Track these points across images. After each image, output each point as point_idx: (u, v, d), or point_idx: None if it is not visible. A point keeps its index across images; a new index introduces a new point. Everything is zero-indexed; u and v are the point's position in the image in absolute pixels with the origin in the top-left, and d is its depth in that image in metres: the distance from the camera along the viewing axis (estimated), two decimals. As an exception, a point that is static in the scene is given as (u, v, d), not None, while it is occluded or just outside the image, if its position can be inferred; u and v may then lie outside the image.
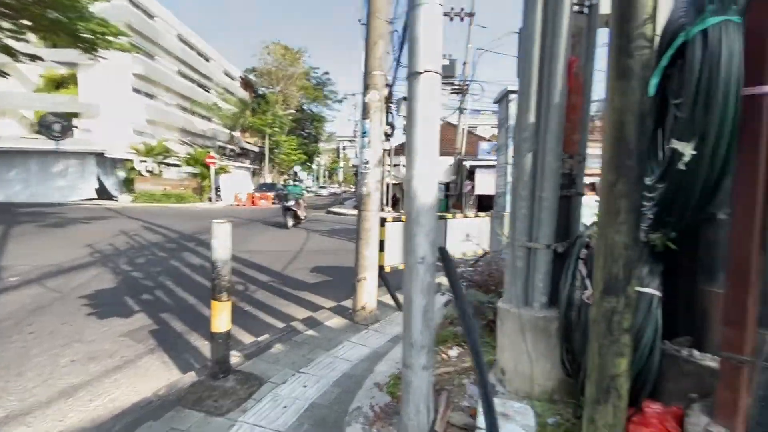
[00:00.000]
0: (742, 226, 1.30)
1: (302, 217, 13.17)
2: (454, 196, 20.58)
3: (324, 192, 47.94)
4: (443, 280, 5.81)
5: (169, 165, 24.01)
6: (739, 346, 1.31)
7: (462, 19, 17.62)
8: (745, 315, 1.29)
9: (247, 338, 3.78)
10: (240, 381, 2.68)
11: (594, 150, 2.30)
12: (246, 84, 38.31)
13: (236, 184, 28.13)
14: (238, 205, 23.89)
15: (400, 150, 18.75)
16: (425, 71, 1.70)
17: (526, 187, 2.26)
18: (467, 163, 18.19)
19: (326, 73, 43.41)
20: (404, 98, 15.69)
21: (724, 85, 1.24)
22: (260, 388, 2.66)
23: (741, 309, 1.31)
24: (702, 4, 1.32)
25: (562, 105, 2.11)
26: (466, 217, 7.13)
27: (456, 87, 19.87)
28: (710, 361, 1.56)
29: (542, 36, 2.18)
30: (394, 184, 19.87)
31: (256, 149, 36.34)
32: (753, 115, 1.25)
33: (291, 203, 12.39)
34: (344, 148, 61.17)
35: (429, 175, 1.89)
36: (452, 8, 16.71)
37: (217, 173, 24.14)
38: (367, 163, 4.53)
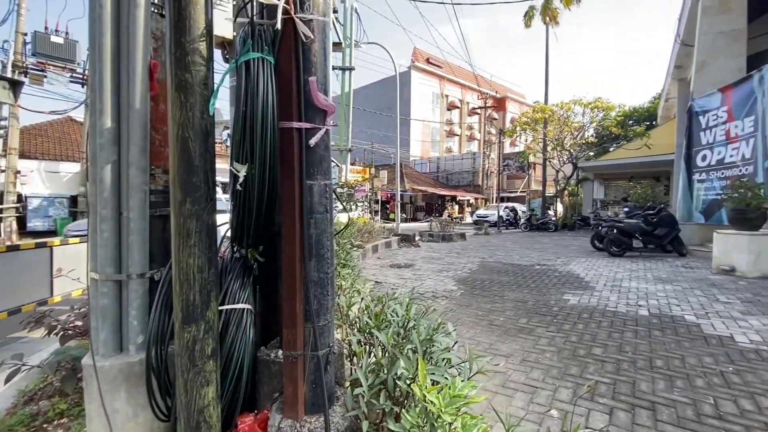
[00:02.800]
0: (288, 238, 1.53)
1: None
2: (86, 213, 16.11)
3: None
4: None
5: None
6: (293, 342, 1.52)
7: (81, -7, 13.98)
8: (295, 314, 1.52)
9: None
10: None
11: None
12: None
13: None
14: None
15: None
16: None
17: (108, 206, 1.83)
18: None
19: None
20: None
21: (262, 116, 1.40)
22: None
23: (293, 310, 1.53)
24: (245, 38, 1.45)
25: (145, 112, 1.85)
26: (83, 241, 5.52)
27: (78, 75, 15.66)
28: (286, 358, 1.77)
29: (116, 26, 1.83)
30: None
31: None
32: (287, 144, 1.49)
33: None
34: None
35: None
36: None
37: None
38: None
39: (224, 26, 4.13)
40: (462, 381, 1.37)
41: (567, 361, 3.21)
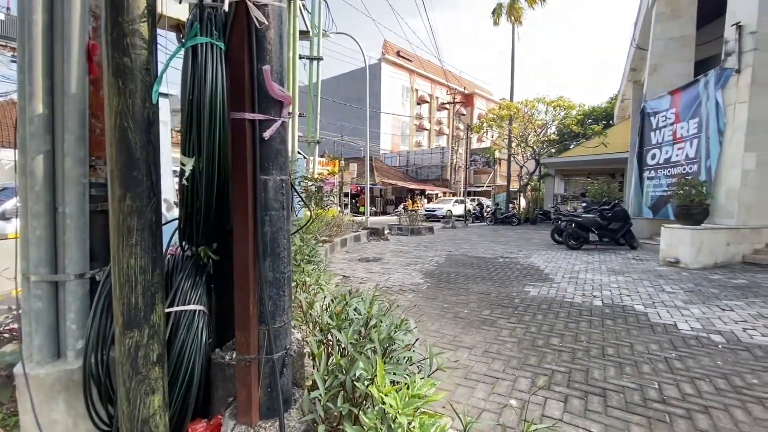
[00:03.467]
0: (240, 237, 1.45)
1: None
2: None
3: None
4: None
5: None
6: (247, 345, 1.46)
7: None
8: (248, 316, 1.45)
9: None
10: None
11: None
12: None
13: None
14: None
15: None
16: None
17: (41, 200, 1.67)
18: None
19: None
20: None
21: (210, 105, 1.31)
22: None
23: (246, 311, 1.46)
24: (194, 21, 1.34)
25: (82, 98, 1.69)
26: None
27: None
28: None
29: (49, 1, 1.66)
30: None
31: None
32: (239, 137, 1.41)
33: None
34: None
35: None
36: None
37: None
38: None
39: (179, 7, 3.87)
40: (422, 379, 1.36)
41: (527, 352, 3.32)
